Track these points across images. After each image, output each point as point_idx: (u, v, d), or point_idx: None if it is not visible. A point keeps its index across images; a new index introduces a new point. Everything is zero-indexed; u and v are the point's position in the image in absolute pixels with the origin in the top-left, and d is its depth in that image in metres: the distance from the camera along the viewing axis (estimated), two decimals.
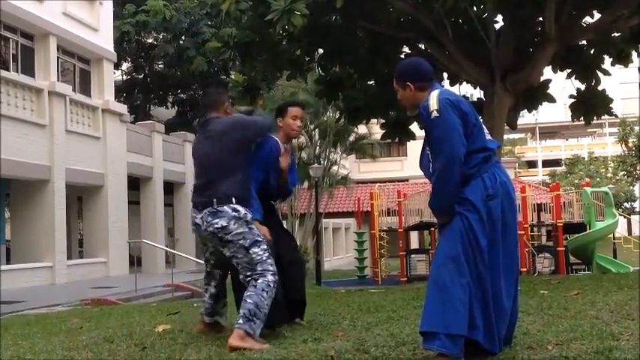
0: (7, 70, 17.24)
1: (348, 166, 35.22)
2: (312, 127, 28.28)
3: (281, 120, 5.02)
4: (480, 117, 12.22)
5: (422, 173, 3.80)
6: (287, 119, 5.00)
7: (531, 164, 67.55)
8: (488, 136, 3.67)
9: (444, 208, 3.53)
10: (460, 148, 3.44)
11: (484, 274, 3.40)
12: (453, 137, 3.44)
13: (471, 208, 3.43)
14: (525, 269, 16.26)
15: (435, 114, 3.47)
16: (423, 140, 3.74)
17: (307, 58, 12.98)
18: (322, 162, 27.84)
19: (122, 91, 29.95)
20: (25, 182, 17.52)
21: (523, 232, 17.30)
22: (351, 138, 28.76)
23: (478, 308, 3.36)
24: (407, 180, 36.95)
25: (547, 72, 12.55)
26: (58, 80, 18.70)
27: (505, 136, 14.11)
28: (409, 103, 3.75)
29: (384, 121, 14.07)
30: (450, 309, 3.29)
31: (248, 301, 4.25)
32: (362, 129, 27.11)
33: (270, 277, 4.32)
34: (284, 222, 28.44)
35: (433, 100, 3.51)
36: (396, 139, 14.44)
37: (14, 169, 16.36)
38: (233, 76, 24.04)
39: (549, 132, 70.38)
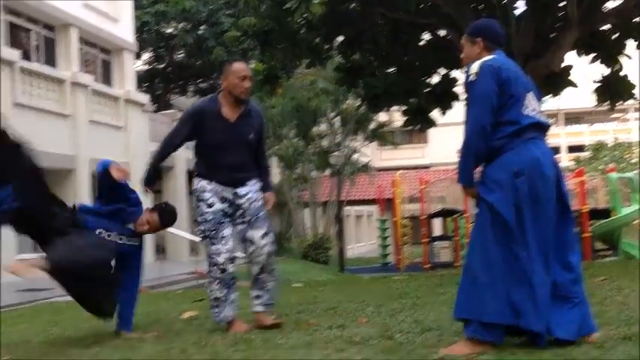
0: (29, 60, 17.38)
1: (369, 153, 35.14)
2: (332, 114, 28.25)
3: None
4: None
5: (443, 160, 3.78)
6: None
7: (555, 150, 66.94)
8: (531, 112, 3.46)
9: (465, 179, 3.47)
10: (486, 116, 3.36)
11: (521, 254, 3.28)
12: (482, 104, 3.37)
13: (494, 187, 3.34)
14: None
15: (472, 77, 3.43)
16: (445, 127, 3.70)
17: (326, 46, 12.94)
18: (343, 150, 27.82)
19: (143, 81, 30.10)
20: (49, 172, 17.64)
21: None
22: (372, 125, 28.67)
23: (519, 291, 3.26)
24: (428, 167, 36.86)
25: (569, 57, 12.41)
26: (79, 71, 18.83)
27: None
28: (470, 61, 3.61)
29: (404, 108, 14.01)
30: (481, 297, 3.26)
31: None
32: (382, 116, 27.03)
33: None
34: (306, 210, 28.53)
35: (477, 63, 3.46)
36: (417, 127, 14.37)
37: (40, 159, 16.51)
38: (253, 65, 24.01)
39: (573, 118, 69.61)
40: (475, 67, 3.45)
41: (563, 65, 12.25)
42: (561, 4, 11.57)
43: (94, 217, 4.57)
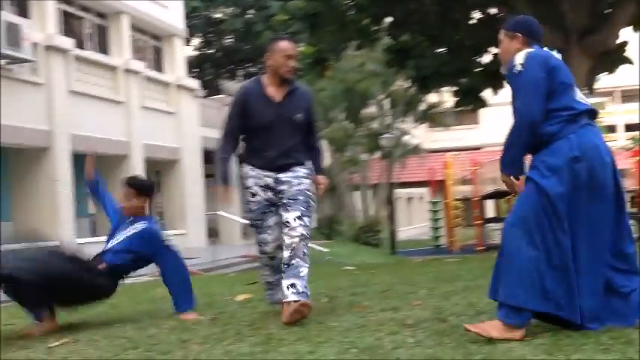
0: (84, 49, 17.73)
1: (420, 135, 34.87)
2: (381, 96, 28.10)
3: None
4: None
5: (495, 141, 3.72)
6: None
7: (611, 129, 65.27)
8: (580, 99, 3.42)
9: (507, 165, 3.43)
10: (536, 106, 3.28)
11: (564, 242, 3.22)
12: (530, 94, 3.29)
13: (548, 173, 3.26)
14: None
15: (518, 68, 3.34)
16: (496, 107, 3.64)
17: (375, 27, 12.86)
18: (393, 132, 27.68)
19: (193, 67, 30.42)
20: (105, 158, 18.06)
21: None
22: (422, 107, 28.42)
23: (555, 278, 3.21)
24: (480, 148, 36.36)
25: (624, 33, 12.05)
26: (131, 58, 19.12)
27: None
28: (507, 57, 3.57)
29: (455, 88, 13.84)
30: (514, 279, 3.20)
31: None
32: (433, 97, 26.75)
33: None
34: (357, 193, 28.53)
35: (521, 55, 3.38)
36: (469, 107, 14.19)
37: (95, 145, 16.89)
38: (301, 49, 24.01)
39: (630, 95, 67.73)
40: (520, 57, 3.37)
41: (618, 42, 11.92)
42: None
43: None
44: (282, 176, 4.34)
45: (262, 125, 4.34)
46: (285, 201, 4.29)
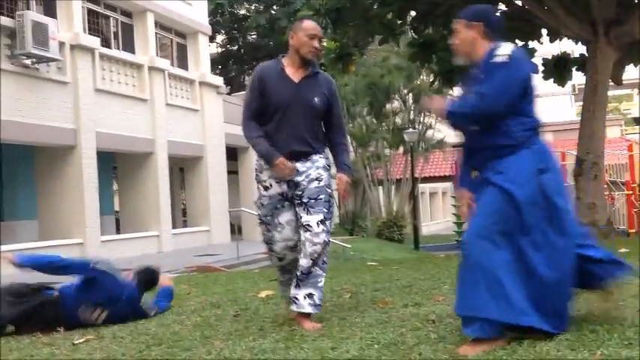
0: (109, 47, 17.89)
1: (444, 129, 34.66)
2: (405, 91, 27.98)
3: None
4: (582, 74, 11.55)
5: None
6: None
7: (638, 121, 64.35)
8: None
9: (454, 116, 3.40)
10: (506, 101, 3.21)
11: (528, 251, 3.13)
12: (509, 88, 3.22)
13: (516, 179, 3.17)
14: (634, 230, 15.62)
15: (503, 58, 3.24)
16: None
17: (399, 22, 12.78)
18: (417, 126, 27.55)
19: (217, 64, 30.54)
20: (130, 155, 18.25)
21: (631, 192, 16.59)
22: None
23: (521, 288, 3.09)
24: None
25: None
26: (156, 55, 19.26)
27: (610, 93, 13.51)
28: (465, 47, 3.47)
29: None
30: (483, 290, 3.06)
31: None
32: (457, 92, 26.57)
33: None
34: (380, 188, 28.47)
35: (507, 47, 3.30)
36: None
37: (120, 143, 17.06)
38: (325, 44, 23.94)
39: None
40: (507, 49, 3.29)
41: None
42: None
43: None
44: (300, 166, 4.02)
45: (278, 106, 4.03)
46: (305, 200, 3.98)
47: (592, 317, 3.44)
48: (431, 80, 19.38)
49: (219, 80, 22.30)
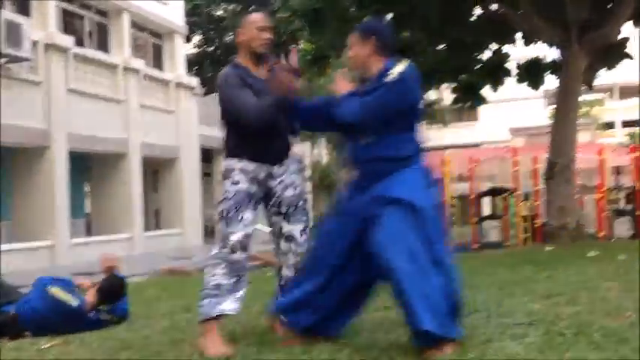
0: (83, 47, 17.71)
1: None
2: None
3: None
4: (555, 77, 11.64)
5: (494, 138, 3.73)
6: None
7: (609, 125, 65.20)
8: None
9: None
10: (371, 120, 3.31)
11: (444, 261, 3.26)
12: (384, 109, 3.30)
13: (413, 188, 3.26)
14: (603, 234, 15.80)
15: (394, 76, 3.28)
16: (495, 104, 3.61)
17: None
18: None
19: (193, 64, 30.39)
20: (103, 157, 18.08)
21: (601, 196, 16.77)
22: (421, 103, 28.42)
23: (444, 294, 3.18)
24: (479, 145, 36.28)
25: (625, 29, 12.02)
26: (131, 56, 19.10)
27: (581, 97, 13.67)
28: (359, 62, 3.46)
29: (454, 85, 13.82)
30: (424, 304, 3.12)
31: None
32: (432, 94, 26.71)
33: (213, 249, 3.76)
34: None
35: (403, 66, 3.33)
36: (468, 104, 14.18)
37: (92, 144, 16.89)
38: (302, 45, 23.98)
39: (629, 92, 67.67)
40: (400, 68, 3.32)
41: (619, 37, 11.89)
42: None
43: None
44: (276, 170, 3.81)
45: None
46: (284, 210, 3.81)
47: (560, 321, 3.47)
48: None
49: (194, 81, 22.20)
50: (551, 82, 13.88)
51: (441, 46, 13.26)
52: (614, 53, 12.22)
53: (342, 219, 3.51)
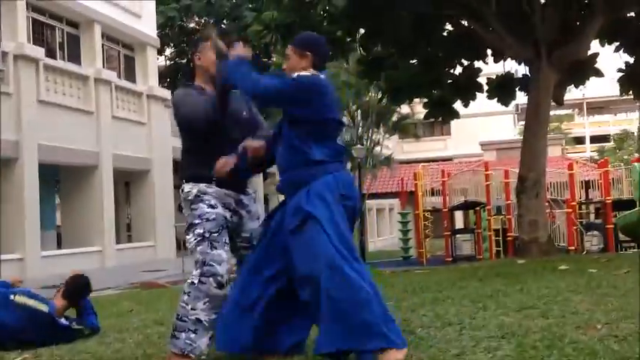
0: (54, 58, 17.56)
1: (391, 146, 35.06)
2: (354, 107, 28.21)
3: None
4: (525, 93, 11.82)
5: (466, 152, 3.74)
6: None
7: (579, 140, 66.24)
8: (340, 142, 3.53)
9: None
10: (266, 100, 3.49)
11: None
12: (278, 99, 3.40)
13: (319, 204, 3.24)
14: (573, 247, 16.01)
15: (290, 79, 3.38)
16: (467, 118, 3.63)
17: (348, 39, 12.92)
18: (365, 143, 27.77)
19: (166, 77, 30.27)
20: (73, 169, 17.89)
21: (571, 210, 17.00)
22: (394, 118, 28.58)
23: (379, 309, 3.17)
24: (451, 159, 36.62)
25: (594, 46, 12.26)
26: (103, 67, 18.98)
27: (551, 112, 13.88)
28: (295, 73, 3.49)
29: (426, 100, 13.95)
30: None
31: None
32: (405, 109, 26.91)
33: (194, 272, 3.50)
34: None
35: (306, 74, 3.40)
36: (440, 118, 14.32)
37: (63, 156, 16.71)
38: (275, 59, 24.02)
39: (597, 107, 68.83)
40: (305, 75, 3.40)
41: (589, 53, 12.11)
42: None
43: None
44: (244, 198, 3.69)
45: (220, 129, 3.55)
46: (255, 242, 3.61)
47: (532, 334, 3.50)
48: (379, 97, 19.60)
49: (167, 93, 22.11)
50: (521, 97, 14.09)
51: (413, 61, 13.40)
52: (583, 70, 12.44)
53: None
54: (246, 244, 3.66)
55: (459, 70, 13.59)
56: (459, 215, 24.88)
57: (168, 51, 31.49)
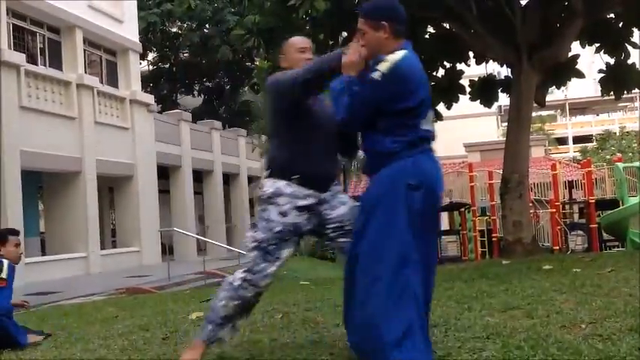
0: (35, 64, 17.43)
1: None
2: None
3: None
4: (507, 95, 11.87)
5: (452, 154, 3.64)
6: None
7: (561, 141, 66.64)
8: (428, 122, 3.16)
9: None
10: (357, 124, 3.18)
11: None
12: (363, 111, 3.10)
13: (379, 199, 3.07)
14: (558, 247, 16.13)
15: (376, 76, 3.00)
16: (450, 120, 3.50)
17: (331, 42, 12.93)
18: None
19: (149, 81, 30.17)
20: (57, 175, 17.77)
21: (555, 210, 17.13)
22: None
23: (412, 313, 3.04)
24: None
25: (575, 47, 12.35)
26: (85, 72, 18.87)
27: (534, 114, 13.96)
28: (374, 51, 3.10)
29: None
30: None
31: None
32: None
33: (239, 273, 3.49)
34: None
35: (391, 62, 3.00)
36: None
37: (46, 162, 16.59)
38: (257, 63, 24.02)
39: (579, 108, 69.30)
40: (385, 66, 3.00)
41: (570, 55, 12.20)
42: None
43: None
44: (325, 195, 3.52)
45: (320, 125, 3.47)
46: (347, 227, 3.47)
47: (517, 334, 3.52)
48: None
49: (150, 98, 22.03)
50: (504, 99, 14.16)
51: None
52: (565, 71, 12.53)
53: None
54: (340, 232, 3.50)
55: (441, 72, 13.64)
56: (444, 216, 24.99)
57: (150, 56, 31.39)
